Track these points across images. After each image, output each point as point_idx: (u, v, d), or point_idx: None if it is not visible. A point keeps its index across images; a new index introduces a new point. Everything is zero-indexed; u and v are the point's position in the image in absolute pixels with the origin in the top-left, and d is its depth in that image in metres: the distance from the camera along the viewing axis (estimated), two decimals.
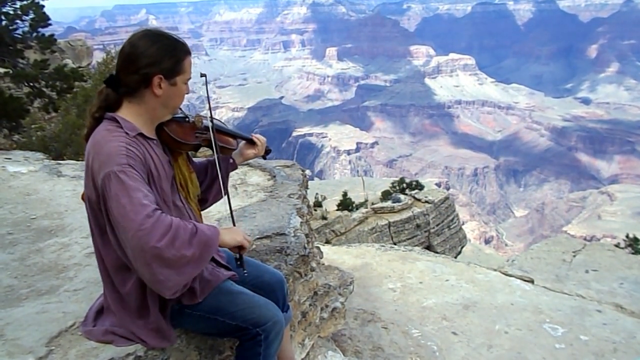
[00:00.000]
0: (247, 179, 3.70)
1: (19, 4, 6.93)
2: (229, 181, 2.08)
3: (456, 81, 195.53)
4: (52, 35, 7.28)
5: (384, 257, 5.12)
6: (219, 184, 1.85)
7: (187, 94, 1.71)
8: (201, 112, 2.01)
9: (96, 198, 1.52)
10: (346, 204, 22.09)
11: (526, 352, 3.40)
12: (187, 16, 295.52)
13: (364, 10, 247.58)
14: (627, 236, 13.80)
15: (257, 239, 2.60)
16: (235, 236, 1.66)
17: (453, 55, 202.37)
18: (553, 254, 5.99)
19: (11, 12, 6.94)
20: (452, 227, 22.40)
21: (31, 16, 6.93)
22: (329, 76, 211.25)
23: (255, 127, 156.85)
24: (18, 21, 6.97)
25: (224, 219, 2.88)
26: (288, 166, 3.86)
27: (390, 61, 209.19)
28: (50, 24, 7.24)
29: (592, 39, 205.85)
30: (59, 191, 3.46)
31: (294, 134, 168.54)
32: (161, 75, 1.60)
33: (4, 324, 1.86)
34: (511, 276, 4.74)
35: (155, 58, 1.58)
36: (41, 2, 6.98)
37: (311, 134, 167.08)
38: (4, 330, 1.82)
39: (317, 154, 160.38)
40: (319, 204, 20.74)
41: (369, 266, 4.86)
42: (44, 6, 7.01)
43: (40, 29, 7.09)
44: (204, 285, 1.71)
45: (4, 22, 6.93)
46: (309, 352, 2.69)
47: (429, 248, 18.86)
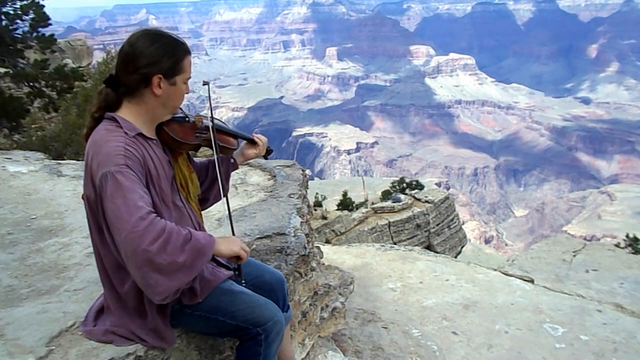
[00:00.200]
0: (247, 179, 3.70)
1: (19, 3, 6.94)
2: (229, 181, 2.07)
3: (456, 81, 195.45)
4: (52, 35, 7.29)
5: (384, 257, 5.12)
6: (219, 185, 1.84)
7: (187, 93, 1.70)
8: (201, 112, 2.01)
9: (95, 197, 1.52)
10: (346, 204, 22.13)
11: (526, 351, 3.40)
12: (187, 16, 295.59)
13: (364, 10, 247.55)
14: (627, 236, 13.82)
15: (257, 238, 2.60)
16: (232, 246, 1.62)
17: (453, 55, 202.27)
18: (553, 253, 5.99)
19: (11, 12, 6.95)
20: (452, 226, 22.42)
21: (31, 16, 6.94)
22: (329, 76, 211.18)
23: (255, 127, 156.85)
24: (18, 21, 6.98)
25: (224, 218, 2.88)
26: (288, 166, 3.85)
27: (390, 61, 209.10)
28: (50, 24, 7.25)
29: (592, 38, 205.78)
30: (59, 191, 3.45)
31: (294, 133, 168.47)
32: (160, 74, 1.59)
33: (4, 324, 1.86)
34: (511, 276, 4.73)
35: (155, 58, 1.58)
36: (41, 2, 6.99)
37: (311, 134, 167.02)
38: (4, 330, 1.82)
39: (317, 153, 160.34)
40: (319, 204, 20.74)
41: (369, 266, 4.86)
42: (44, 6, 7.02)
43: (41, 29, 7.10)
44: (204, 285, 1.71)
45: (4, 22, 6.93)
46: (309, 352, 2.69)
47: (429, 248, 18.86)
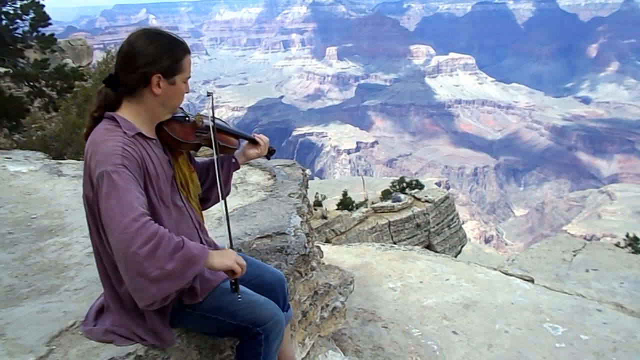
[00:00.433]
0: (247, 178, 3.70)
1: (19, 3, 6.92)
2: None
3: (456, 80, 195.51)
4: (52, 34, 7.28)
5: (384, 257, 5.12)
6: (220, 185, 1.83)
7: (187, 92, 1.69)
8: (201, 111, 2.01)
9: (93, 196, 1.51)
10: (346, 204, 22.13)
11: (526, 351, 3.40)
12: (187, 16, 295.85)
13: (364, 10, 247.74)
14: (627, 235, 13.85)
15: (258, 238, 2.60)
16: (226, 260, 1.56)
17: (453, 55, 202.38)
18: (553, 253, 5.98)
19: (11, 12, 6.94)
20: (452, 226, 22.41)
21: (31, 16, 6.92)
22: (329, 75, 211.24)
23: (255, 126, 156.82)
24: (18, 21, 6.97)
25: (224, 219, 2.87)
26: (288, 165, 3.85)
27: (390, 60, 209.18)
28: (50, 24, 7.23)
29: (592, 38, 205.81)
30: (59, 191, 3.45)
31: (294, 133, 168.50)
32: (160, 74, 1.59)
33: (4, 324, 1.86)
34: (511, 275, 4.73)
35: (154, 57, 1.57)
36: (41, 2, 6.98)
37: (311, 134, 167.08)
38: (4, 329, 1.82)
39: (317, 153, 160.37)
40: (319, 204, 20.75)
41: (369, 265, 4.86)
42: (44, 6, 7.01)
43: (41, 29, 7.09)
44: (204, 285, 1.71)
45: (4, 22, 6.92)
46: (309, 352, 2.69)
47: (429, 247, 18.86)
